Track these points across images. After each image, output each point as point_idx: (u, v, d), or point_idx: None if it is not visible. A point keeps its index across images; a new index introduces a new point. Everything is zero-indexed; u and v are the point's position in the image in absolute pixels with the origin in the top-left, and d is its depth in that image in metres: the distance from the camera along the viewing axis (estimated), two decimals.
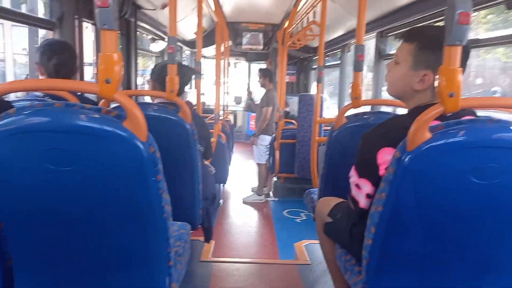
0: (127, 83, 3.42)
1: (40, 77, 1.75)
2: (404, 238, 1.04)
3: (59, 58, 1.70)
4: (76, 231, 1.01)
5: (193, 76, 3.06)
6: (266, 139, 4.64)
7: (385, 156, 1.09)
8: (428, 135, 0.94)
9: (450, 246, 1.04)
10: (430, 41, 1.12)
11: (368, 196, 1.16)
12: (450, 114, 0.96)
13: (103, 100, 1.41)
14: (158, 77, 1.88)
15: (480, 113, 1.20)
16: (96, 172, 0.95)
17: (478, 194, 0.96)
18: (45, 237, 1.02)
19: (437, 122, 0.97)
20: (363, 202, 1.17)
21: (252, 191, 4.77)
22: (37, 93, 1.62)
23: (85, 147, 0.92)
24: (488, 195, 0.96)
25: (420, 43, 1.14)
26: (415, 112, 1.13)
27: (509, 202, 0.98)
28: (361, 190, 1.17)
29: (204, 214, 1.88)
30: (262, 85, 4.73)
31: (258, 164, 4.69)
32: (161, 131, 1.59)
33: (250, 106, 6.12)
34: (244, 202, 4.57)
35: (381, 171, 1.10)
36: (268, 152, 4.78)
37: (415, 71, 1.14)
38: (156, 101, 1.88)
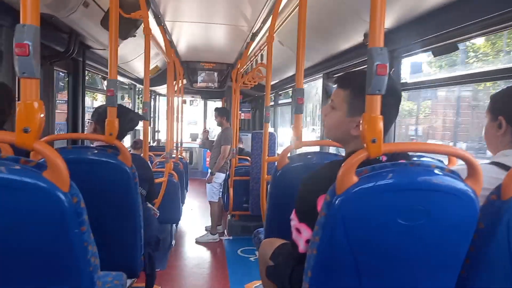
0: (73, 123, 3.31)
1: None
2: (339, 280, 1.05)
3: None
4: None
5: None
6: (220, 177, 4.62)
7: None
8: (355, 178, 0.97)
9: (385, 286, 1.06)
10: (362, 87, 1.11)
11: (307, 241, 1.15)
12: (386, 159, 1.00)
13: (33, 152, 1.34)
14: (100, 119, 1.83)
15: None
16: (15, 224, 0.89)
17: (405, 235, 1.00)
18: None
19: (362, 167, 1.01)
20: (302, 247, 1.17)
21: (206, 230, 4.66)
22: None
23: (3, 199, 0.86)
24: (414, 236, 1.00)
25: (354, 90, 1.17)
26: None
27: (434, 242, 1.02)
28: (301, 234, 1.18)
29: (146, 260, 1.80)
30: (219, 124, 4.77)
31: (211, 202, 4.63)
32: (100, 175, 1.55)
33: (205, 144, 6.11)
34: (197, 242, 4.43)
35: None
36: (221, 190, 4.73)
37: (351, 117, 1.18)
38: (95, 144, 1.83)
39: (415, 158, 1.83)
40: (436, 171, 1.01)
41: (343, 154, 1.83)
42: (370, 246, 1.02)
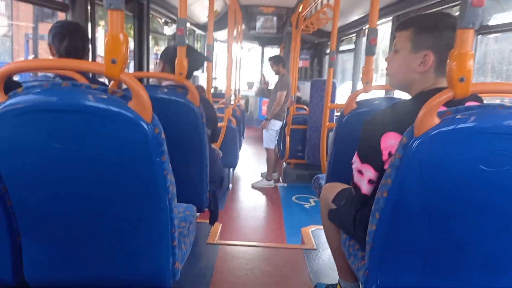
0: (139, 65, 3.43)
1: (51, 58, 1.77)
2: (408, 226, 1.03)
3: (70, 41, 1.71)
4: (82, 209, 1.03)
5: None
6: (276, 124, 4.61)
7: (388, 141, 1.09)
8: (436, 120, 0.92)
9: (455, 237, 1.03)
10: (425, 24, 1.15)
11: (370, 181, 1.15)
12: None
13: (113, 82, 1.41)
14: (168, 59, 1.87)
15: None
16: (101, 151, 0.96)
17: (486, 182, 0.94)
18: (53, 214, 1.04)
19: (444, 108, 0.95)
20: (365, 188, 1.17)
21: (261, 176, 4.79)
22: (49, 74, 1.64)
23: (91, 127, 0.93)
24: (496, 183, 0.94)
25: (416, 28, 1.15)
26: (418, 97, 1.14)
27: None
28: (363, 176, 1.17)
29: (211, 197, 1.90)
30: (277, 73, 4.69)
31: (267, 149, 4.68)
32: (169, 113, 1.61)
33: (264, 91, 6.06)
34: (253, 187, 4.59)
35: (384, 156, 1.10)
36: (277, 138, 4.76)
37: (415, 54, 1.15)
38: (165, 83, 1.88)
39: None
40: None
41: None
42: (446, 194, 0.98)
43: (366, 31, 1.86)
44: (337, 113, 4.24)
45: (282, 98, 4.50)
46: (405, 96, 1.27)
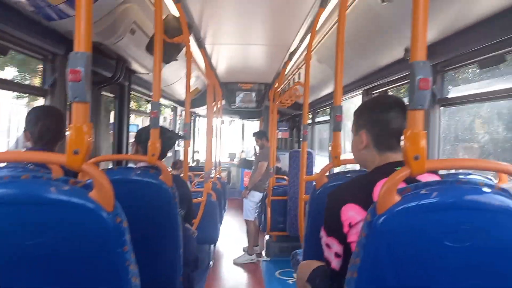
0: (118, 144, 3.46)
1: (27, 143, 1.77)
2: None
3: (43, 124, 1.73)
4: None
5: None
6: (256, 196, 4.61)
7: (347, 213, 1.12)
8: (397, 197, 0.94)
9: None
10: (361, 108, 1.33)
11: (337, 255, 1.16)
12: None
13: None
14: (142, 140, 1.91)
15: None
16: (63, 242, 0.93)
17: (453, 257, 0.94)
18: None
19: (404, 185, 0.97)
20: (334, 263, 1.16)
21: (243, 250, 4.63)
22: None
23: (52, 218, 0.91)
24: (463, 258, 0.94)
25: (356, 113, 1.33)
26: (374, 171, 1.21)
27: (484, 265, 0.95)
28: (331, 249, 1.18)
29: (185, 281, 1.81)
30: (261, 147, 4.83)
31: (247, 221, 4.61)
32: (143, 194, 1.60)
33: (246, 162, 6.17)
34: (235, 263, 4.41)
35: (345, 228, 1.12)
36: (258, 210, 4.71)
37: (357, 135, 1.30)
38: (139, 164, 1.89)
39: (461, 176, 1.75)
40: (485, 189, 0.95)
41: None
42: (415, 267, 0.96)
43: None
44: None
45: (263, 168, 4.55)
46: None
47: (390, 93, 3.64)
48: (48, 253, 0.93)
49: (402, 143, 0.96)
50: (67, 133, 0.89)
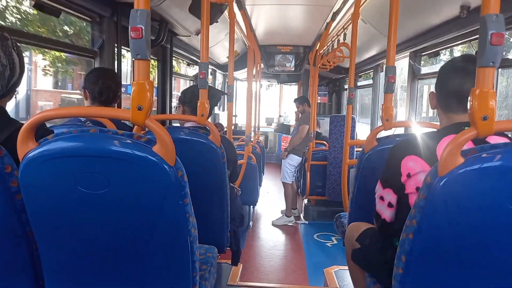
0: (162, 106, 3.55)
1: (85, 101, 1.86)
2: (437, 269, 0.99)
3: (102, 84, 1.80)
4: (106, 252, 1.04)
5: (225, 98, 3.11)
6: (295, 159, 4.59)
7: (407, 163, 1.14)
8: (460, 159, 0.90)
9: (488, 283, 0.98)
10: (444, 67, 1.26)
11: (390, 205, 1.17)
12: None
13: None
14: (187, 101, 1.94)
15: None
16: (126, 194, 0.98)
17: None
18: (78, 257, 1.05)
19: (469, 146, 0.94)
20: (386, 214, 1.18)
21: (281, 213, 4.72)
22: (80, 118, 1.72)
23: (117, 171, 0.96)
24: None
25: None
26: (440, 131, 1.21)
27: None
28: (384, 202, 1.19)
29: (232, 236, 1.89)
30: (302, 112, 4.77)
31: (284, 184, 4.62)
32: (191, 153, 1.64)
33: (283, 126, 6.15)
34: (273, 225, 4.52)
35: (403, 178, 1.14)
36: (296, 174, 4.72)
37: (433, 92, 1.28)
38: (186, 124, 1.94)
39: None
40: None
41: None
42: (475, 234, 0.94)
43: (384, 67, 1.88)
44: (357, 149, 4.20)
45: (304, 131, 4.51)
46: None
47: (441, 55, 3.44)
48: (114, 203, 0.99)
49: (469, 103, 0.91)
50: (131, 89, 0.92)
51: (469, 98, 0.91)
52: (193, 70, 5.24)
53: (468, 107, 0.91)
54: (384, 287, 1.24)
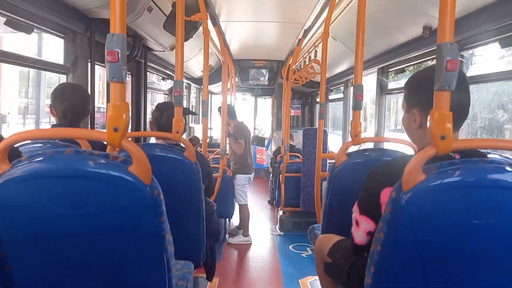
0: (137, 121, 3.52)
1: (52, 119, 1.83)
2: (403, 278, 1.04)
3: (70, 101, 1.78)
4: (82, 270, 1.04)
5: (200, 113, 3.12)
6: (241, 179, 4.30)
7: (387, 196, 1.11)
8: (422, 175, 0.97)
9: (451, 286, 1.04)
10: (413, 84, 1.23)
11: (369, 233, 1.18)
12: (459, 156, 1.00)
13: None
14: (157, 119, 1.96)
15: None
16: (102, 213, 0.99)
17: (474, 234, 0.97)
18: (52, 277, 1.04)
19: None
20: (358, 237, 1.21)
21: (239, 228, 4.47)
22: None
23: (92, 191, 0.97)
24: (486, 234, 0.97)
25: (407, 88, 1.25)
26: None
27: (506, 242, 0.99)
28: (359, 227, 1.20)
29: (208, 251, 1.90)
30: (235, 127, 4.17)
31: (239, 205, 4.36)
32: (167, 170, 1.66)
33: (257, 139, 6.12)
34: (229, 243, 4.27)
35: (383, 208, 1.12)
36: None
37: (409, 113, 1.22)
38: (160, 141, 1.95)
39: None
40: (508, 168, 0.97)
41: (400, 151, 1.81)
42: (437, 245, 1.00)
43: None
44: (330, 160, 4.30)
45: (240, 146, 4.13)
46: (395, 147, 1.33)
47: (407, 71, 3.60)
48: (89, 223, 0.99)
49: (428, 123, 0.98)
50: (107, 110, 0.94)
51: (428, 118, 0.98)
52: (166, 84, 5.23)
53: (428, 127, 0.99)
54: None
